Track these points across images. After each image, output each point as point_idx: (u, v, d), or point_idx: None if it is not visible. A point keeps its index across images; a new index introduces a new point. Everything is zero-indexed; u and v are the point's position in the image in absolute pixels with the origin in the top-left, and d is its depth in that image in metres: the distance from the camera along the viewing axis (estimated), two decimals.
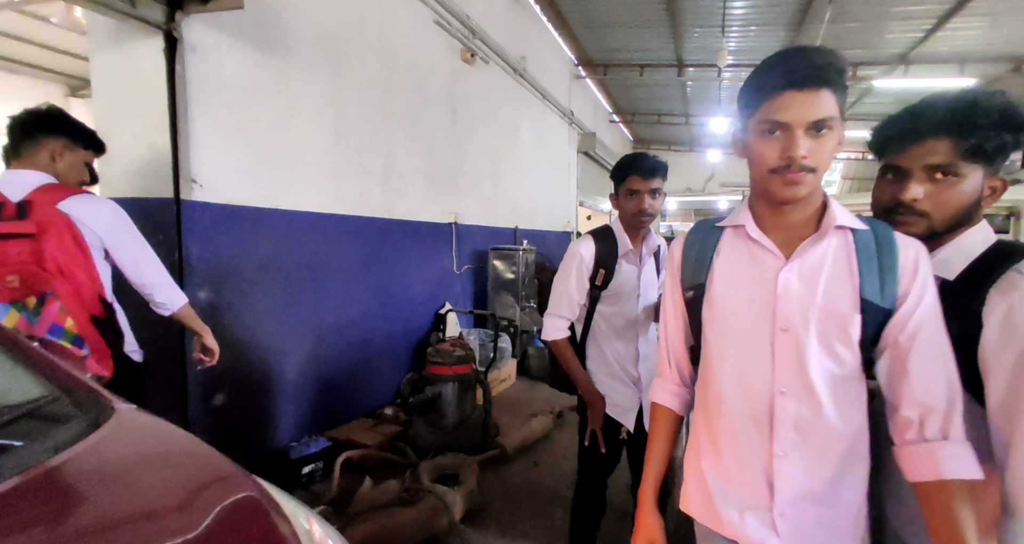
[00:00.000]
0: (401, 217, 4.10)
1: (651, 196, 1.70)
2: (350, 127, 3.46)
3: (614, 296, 1.77)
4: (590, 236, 1.80)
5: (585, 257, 1.76)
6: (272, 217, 2.83)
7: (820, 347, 0.90)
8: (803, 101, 0.84)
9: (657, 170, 1.69)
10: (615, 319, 1.79)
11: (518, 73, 6.30)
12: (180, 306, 1.81)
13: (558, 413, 4.04)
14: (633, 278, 1.78)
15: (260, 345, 2.79)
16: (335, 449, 2.98)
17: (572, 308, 1.80)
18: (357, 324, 3.61)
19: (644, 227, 1.77)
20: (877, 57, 7.56)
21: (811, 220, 0.94)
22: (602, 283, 1.75)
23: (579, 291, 1.78)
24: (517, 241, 6.43)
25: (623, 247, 1.76)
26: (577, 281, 1.77)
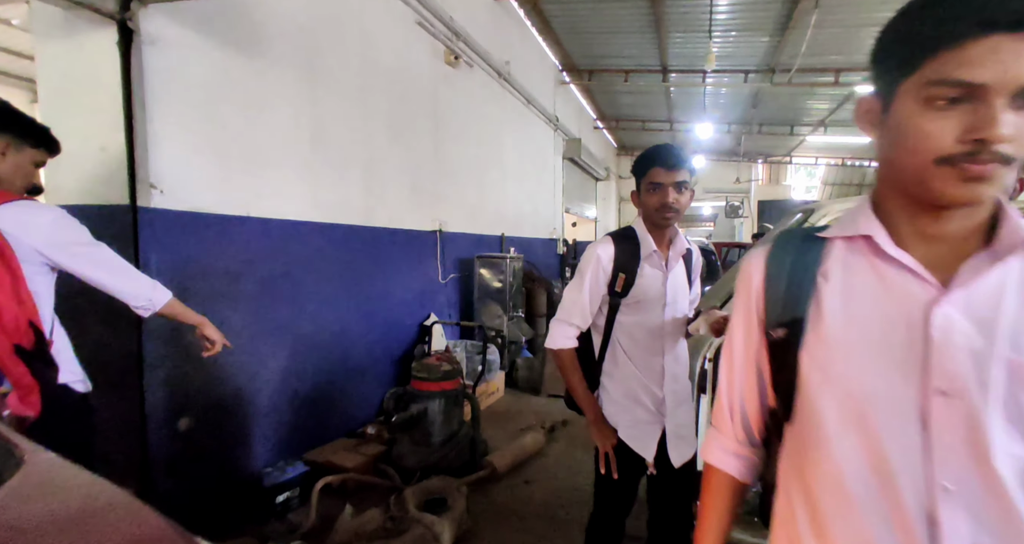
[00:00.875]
0: (383, 225, 3.92)
1: (676, 190, 1.51)
2: (328, 130, 3.28)
3: (636, 304, 1.59)
4: (609, 237, 1.62)
5: (603, 259, 1.58)
6: (243, 225, 2.63)
7: (1008, 422, 0.59)
8: (1017, 53, 0.53)
9: (683, 161, 1.51)
10: (637, 330, 1.60)
11: (503, 77, 6.19)
12: (164, 304, 1.63)
13: (550, 427, 3.88)
14: (658, 284, 1.60)
15: (230, 363, 2.58)
16: (313, 474, 2.77)
17: (584, 316, 1.61)
18: (337, 338, 3.41)
19: (670, 225, 1.58)
20: (859, 63, 7.60)
21: (976, 232, 0.64)
22: (622, 289, 1.57)
23: (593, 297, 1.60)
24: (504, 249, 6.28)
25: (646, 248, 1.58)
26: (592, 286, 1.59)
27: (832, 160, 14.50)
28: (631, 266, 1.57)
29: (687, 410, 1.68)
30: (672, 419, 1.63)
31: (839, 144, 12.25)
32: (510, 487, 3.08)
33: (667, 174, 1.51)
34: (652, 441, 1.60)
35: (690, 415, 1.69)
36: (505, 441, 3.73)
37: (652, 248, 1.58)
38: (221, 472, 2.56)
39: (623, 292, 1.58)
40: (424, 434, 3.11)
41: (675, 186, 1.51)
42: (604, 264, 1.58)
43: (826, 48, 7.07)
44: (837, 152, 13.70)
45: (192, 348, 2.37)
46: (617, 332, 1.63)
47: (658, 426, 1.61)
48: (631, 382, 1.62)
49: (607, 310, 1.63)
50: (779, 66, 7.89)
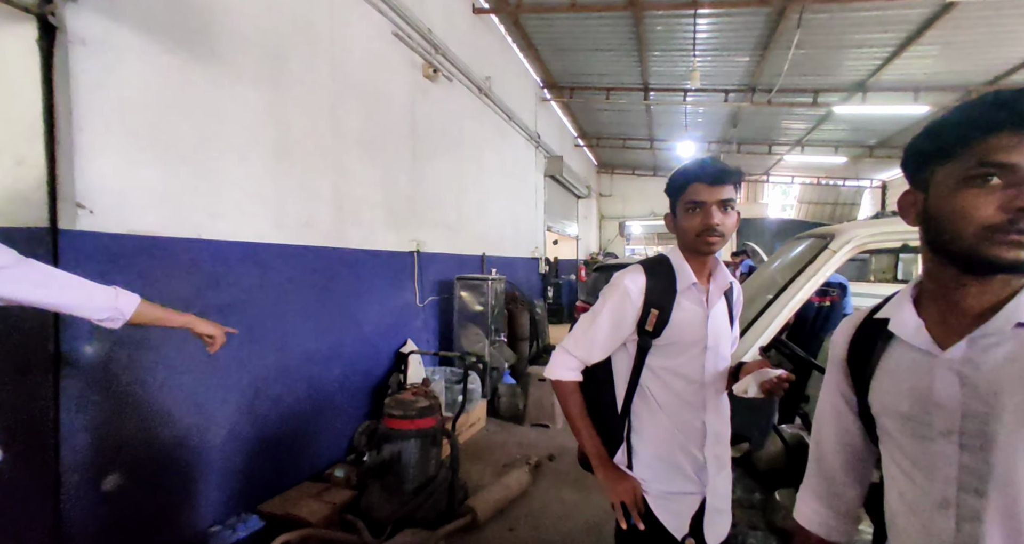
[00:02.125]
0: (356, 246, 3.65)
1: (721, 209, 1.26)
2: (295, 145, 3.02)
3: (671, 347, 1.34)
4: (640, 266, 1.37)
5: (632, 291, 1.33)
6: (193, 249, 2.34)
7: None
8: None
9: (728, 175, 1.26)
10: (673, 379, 1.36)
11: (483, 93, 6.02)
12: (134, 310, 1.45)
13: (535, 463, 3.60)
14: (697, 322, 1.35)
15: (174, 405, 2.27)
16: (270, 529, 2.45)
17: (592, 351, 1.38)
18: (302, 370, 3.10)
19: (713, 253, 1.32)
20: (837, 84, 7.68)
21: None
22: (654, 328, 1.32)
23: (614, 335, 1.36)
24: (485, 269, 6.03)
25: (684, 280, 1.34)
26: (614, 321, 1.35)
27: (808, 179, 14.73)
28: (665, 301, 1.32)
29: (726, 477, 1.42)
30: (712, 489, 1.37)
31: (815, 163, 12.42)
32: (492, 536, 2.80)
33: (709, 191, 1.26)
34: (688, 514, 1.35)
35: (728, 484, 1.44)
36: (487, 479, 3.44)
37: (691, 280, 1.33)
38: (157, 535, 2.22)
39: (655, 331, 1.32)
40: (397, 480, 2.80)
41: (719, 205, 1.26)
42: (633, 297, 1.33)
43: (805, 69, 7.11)
44: (813, 171, 13.92)
45: (128, 393, 2.06)
46: (648, 380, 1.37)
47: (697, 496, 1.36)
48: (668, 443, 1.36)
49: (635, 351, 1.37)
50: (759, 86, 7.92)
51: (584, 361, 1.40)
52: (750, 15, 5.92)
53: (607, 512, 3.03)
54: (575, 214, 12.74)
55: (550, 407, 4.58)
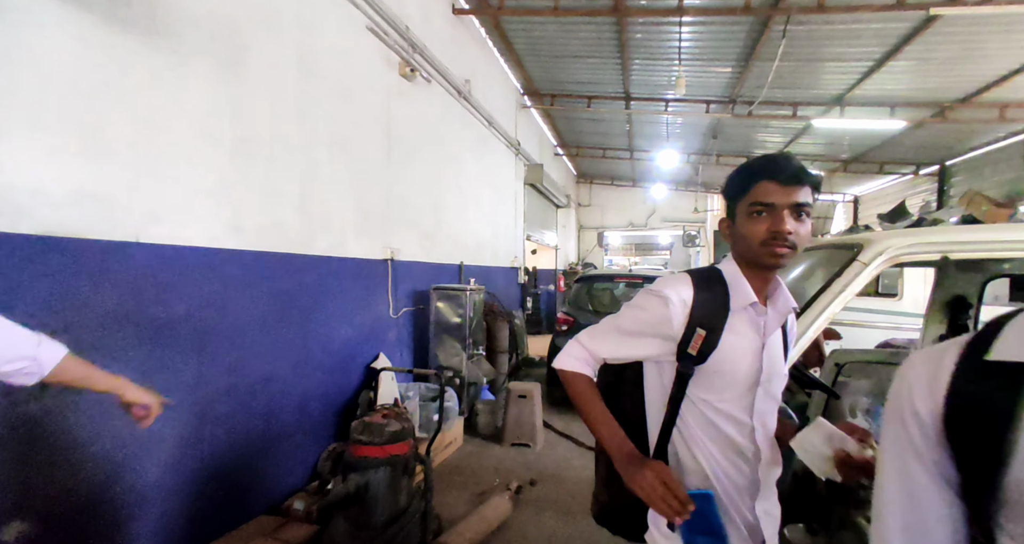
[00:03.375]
0: (324, 253, 3.36)
1: (794, 215, 1.05)
2: (255, 140, 2.75)
3: (717, 377, 1.11)
4: (688, 276, 1.16)
5: (674, 303, 1.10)
6: (128, 254, 2.04)
7: None
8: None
9: (805, 176, 1.05)
10: (717, 416, 1.12)
11: (463, 96, 5.81)
12: (56, 363, 1.17)
13: (516, 489, 3.34)
14: (751, 351, 1.12)
15: (101, 437, 1.95)
16: None
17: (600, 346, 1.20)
18: (261, 390, 2.80)
19: (777, 267, 1.10)
20: (816, 98, 7.72)
21: None
22: (699, 353, 1.09)
23: (629, 339, 1.17)
24: (462, 279, 5.79)
25: (740, 298, 1.12)
26: (636, 326, 1.15)
27: None
28: (716, 321, 1.10)
29: (774, 537, 1.19)
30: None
31: None
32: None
33: (781, 192, 1.05)
34: None
35: None
36: (463, 507, 3.17)
37: (750, 299, 1.11)
38: None
39: (700, 356, 1.09)
40: (365, 513, 2.51)
41: (792, 210, 1.05)
42: (675, 311, 1.10)
43: (786, 82, 7.12)
44: None
45: (41, 426, 1.74)
46: (688, 413, 1.14)
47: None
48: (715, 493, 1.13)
49: (672, 379, 1.14)
50: (740, 98, 7.91)
51: (593, 354, 1.21)
52: (734, 24, 5.87)
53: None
54: (554, 223, 12.59)
55: (530, 426, 4.34)
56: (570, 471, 3.80)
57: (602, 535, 2.87)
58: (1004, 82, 6.47)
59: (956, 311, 2.16)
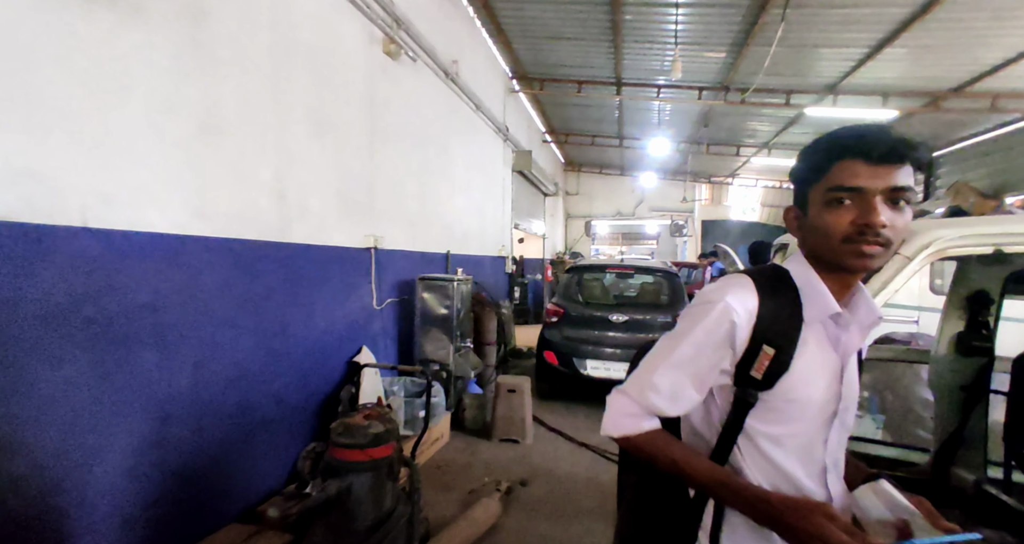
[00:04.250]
0: (302, 241, 3.15)
1: (890, 202, 0.82)
2: (224, 118, 2.51)
3: (788, 407, 0.89)
4: (749, 279, 0.93)
5: (737, 314, 0.88)
6: (75, 240, 1.82)
7: None
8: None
9: (906, 150, 0.81)
10: (781, 454, 0.91)
11: (450, 78, 5.56)
12: None
13: (506, 489, 3.20)
14: (829, 374, 0.91)
15: (44, 444, 1.74)
16: None
17: (674, 399, 0.93)
18: (232, 387, 2.60)
19: (865, 270, 0.87)
20: (810, 85, 7.61)
21: None
22: (765, 376, 0.88)
23: (701, 378, 0.92)
24: (449, 269, 5.59)
25: (817, 307, 0.90)
26: (704, 359, 0.91)
27: (771, 182, 14.90)
28: (787, 336, 0.88)
29: None
30: None
31: (780, 166, 12.51)
32: None
33: (872, 173, 0.82)
34: None
35: None
36: (451, 509, 3.02)
37: (832, 309, 0.89)
38: None
39: (766, 381, 0.88)
40: (346, 519, 2.34)
41: (888, 196, 0.82)
42: (740, 326, 0.88)
43: (780, 68, 6.97)
44: (777, 174, 14.07)
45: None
46: (747, 451, 0.92)
47: None
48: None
49: (726, 407, 0.93)
50: (733, 84, 7.77)
51: (664, 412, 0.94)
52: (731, 7, 5.69)
53: None
54: (542, 212, 12.41)
55: (520, 421, 4.20)
56: (561, 468, 3.67)
57: (596, 538, 2.75)
58: (999, 71, 6.41)
59: (976, 307, 2.04)
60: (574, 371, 5.02)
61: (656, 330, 5.07)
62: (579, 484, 3.41)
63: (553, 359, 5.16)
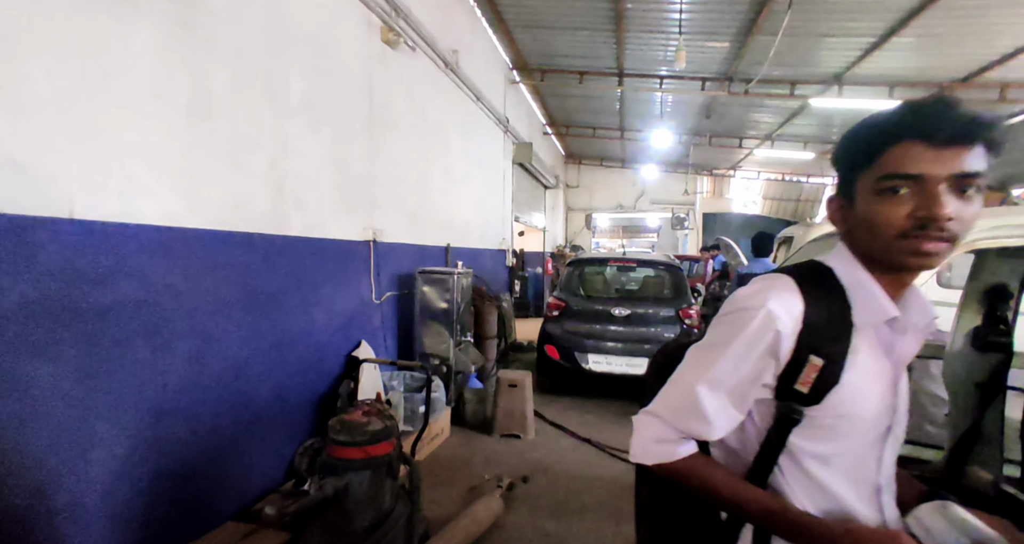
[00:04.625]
0: (299, 233, 3.08)
1: (955, 190, 0.71)
2: (217, 106, 2.43)
3: (839, 422, 0.79)
4: (790, 279, 0.82)
5: (783, 324, 0.78)
6: (62, 231, 1.75)
7: None
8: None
9: (976, 130, 0.70)
10: (833, 477, 0.81)
11: (450, 68, 5.47)
12: None
13: (508, 486, 3.15)
14: (884, 385, 0.82)
15: (31, 443, 1.68)
16: None
17: (714, 421, 0.82)
18: (228, 383, 2.54)
19: (924, 268, 0.77)
20: (815, 76, 7.50)
21: None
22: (812, 390, 0.77)
23: (743, 395, 0.82)
24: (449, 262, 5.52)
25: (871, 311, 0.79)
26: (745, 374, 0.80)
27: (773, 175, 14.79)
28: (836, 345, 0.78)
29: None
30: None
31: (783, 159, 12.41)
32: None
33: (935, 157, 0.70)
34: None
35: None
36: (453, 505, 2.97)
37: (888, 313, 0.79)
38: None
39: (813, 395, 0.78)
40: (344, 518, 2.29)
41: (954, 183, 0.71)
42: (785, 335, 0.78)
43: (784, 58, 6.86)
44: (779, 167, 13.96)
45: None
46: (791, 472, 0.82)
47: None
48: None
49: (767, 424, 0.83)
50: (737, 75, 7.65)
51: (702, 435, 0.84)
52: None
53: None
54: (543, 205, 12.32)
55: (521, 416, 4.15)
56: (563, 464, 3.62)
57: (601, 536, 2.70)
58: (1009, 60, 6.30)
59: (995, 301, 1.97)
60: (576, 365, 4.96)
61: (659, 324, 5.01)
62: (582, 480, 3.36)
63: (554, 353, 5.10)
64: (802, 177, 14.46)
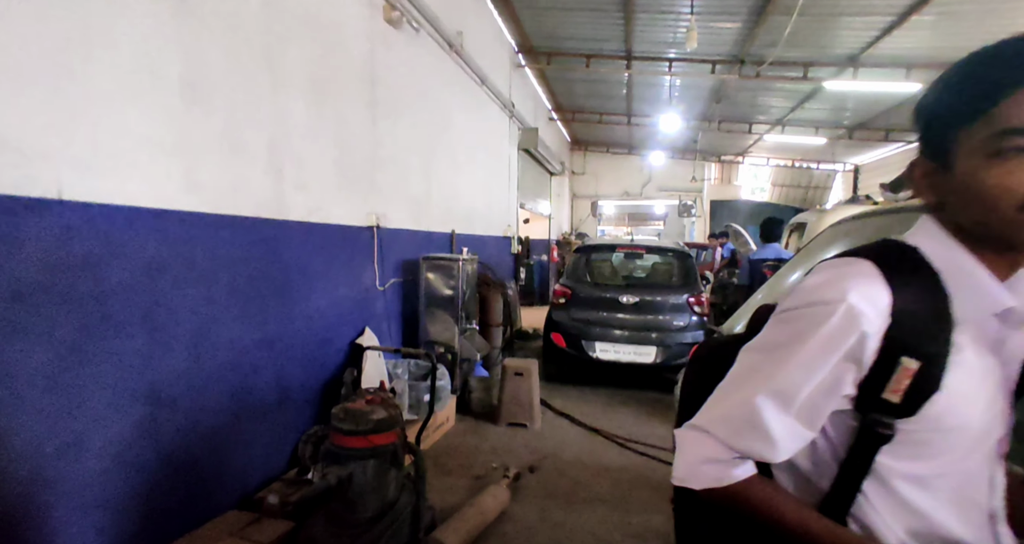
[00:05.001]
0: (300, 218, 3.00)
1: None
2: (213, 85, 2.34)
3: (940, 437, 0.66)
4: (870, 265, 0.66)
5: (869, 321, 0.64)
6: (48, 213, 1.68)
7: None
8: None
9: None
10: (934, 502, 0.67)
11: (454, 50, 5.33)
12: None
13: (515, 475, 3.09)
14: (993, 389, 0.68)
15: (22, 433, 1.63)
16: None
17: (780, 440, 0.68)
18: (228, 371, 2.48)
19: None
20: (829, 58, 7.29)
21: None
22: (905, 399, 0.64)
23: (817, 409, 0.67)
24: (454, 249, 5.44)
25: (977, 301, 0.65)
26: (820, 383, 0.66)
27: (782, 161, 14.56)
28: (934, 344, 0.64)
29: None
30: None
31: (793, 144, 12.18)
32: None
33: None
34: None
35: None
36: (459, 494, 2.92)
37: (1002, 303, 0.64)
38: None
39: (907, 406, 0.64)
40: (348, 508, 2.24)
41: None
42: (871, 335, 0.64)
43: (798, 40, 6.67)
44: (789, 153, 13.73)
45: None
46: (880, 499, 0.67)
47: None
48: None
49: (844, 440, 0.69)
50: (748, 57, 7.46)
51: (745, 454, 0.70)
52: None
53: (605, 539, 2.59)
54: (548, 191, 12.18)
55: (528, 405, 4.09)
56: (571, 453, 3.57)
57: (609, 527, 2.64)
58: None
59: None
60: (582, 354, 4.89)
61: (668, 312, 4.93)
62: (590, 470, 3.30)
63: (561, 341, 5.03)
64: (812, 163, 14.23)
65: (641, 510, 2.81)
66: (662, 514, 2.75)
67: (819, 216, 5.53)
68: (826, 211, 5.67)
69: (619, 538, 2.56)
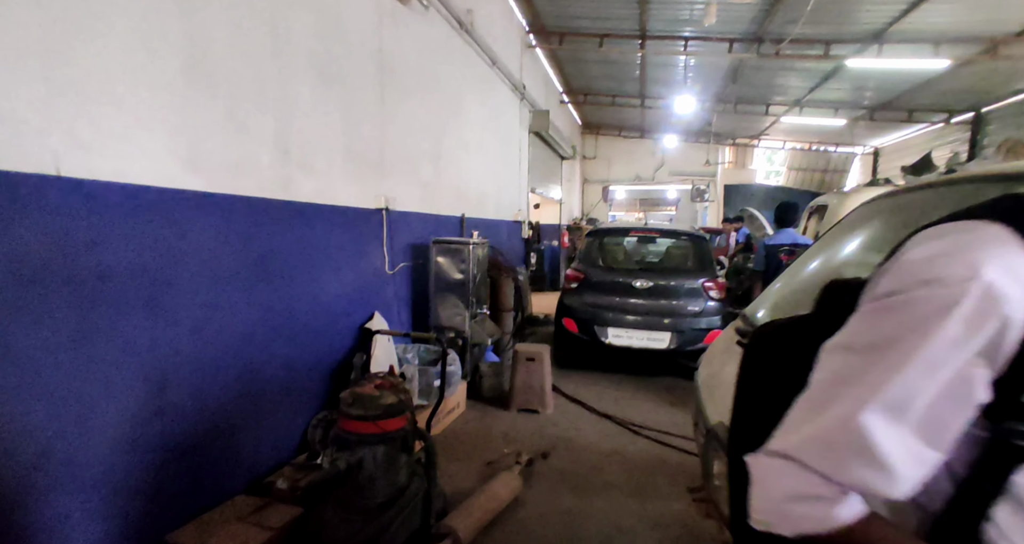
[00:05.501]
0: (307, 199, 2.93)
1: None
2: (216, 62, 2.26)
3: None
4: (1001, 228, 0.52)
5: (1011, 304, 0.49)
6: (46, 190, 1.62)
7: None
8: None
9: None
10: None
11: (464, 29, 5.19)
12: None
13: (527, 461, 3.05)
14: None
15: (27, 416, 1.59)
16: None
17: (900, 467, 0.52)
18: (236, 353, 2.44)
19: None
20: (852, 34, 7.02)
21: None
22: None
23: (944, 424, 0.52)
24: (465, 232, 5.36)
25: None
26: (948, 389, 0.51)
27: (799, 144, 14.22)
28: None
29: None
30: None
31: (811, 126, 11.86)
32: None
33: None
34: None
35: None
36: (470, 480, 2.88)
37: None
38: None
39: None
40: (357, 494, 2.20)
41: None
42: (1014, 321, 0.50)
43: (819, 16, 6.41)
44: (806, 135, 13.39)
45: None
46: (1017, 530, 0.53)
47: None
48: None
49: (967, 457, 0.55)
50: (767, 35, 7.21)
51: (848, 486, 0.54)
52: None
53: (621, 526, 2.54)
54: (559, 176, 12.01)
55: (539, 390, 4.03)
56: (583, 440, 3.51)
57: (625, 514, 2.58)
58: None
59: None
60: (595, 339, 4.82)
61: (682, 297, 4.82)
62: (602, 456, 3.24)
63: (573, 326, 4.96)
64: (830, 146, 13.87)
65: (657, 497, 2.75)
66: (679, 502, 2.69)
67: (840, 198, 5.35)
68: (847, 193, 5.49)
69: (636, 525, 2.51)
